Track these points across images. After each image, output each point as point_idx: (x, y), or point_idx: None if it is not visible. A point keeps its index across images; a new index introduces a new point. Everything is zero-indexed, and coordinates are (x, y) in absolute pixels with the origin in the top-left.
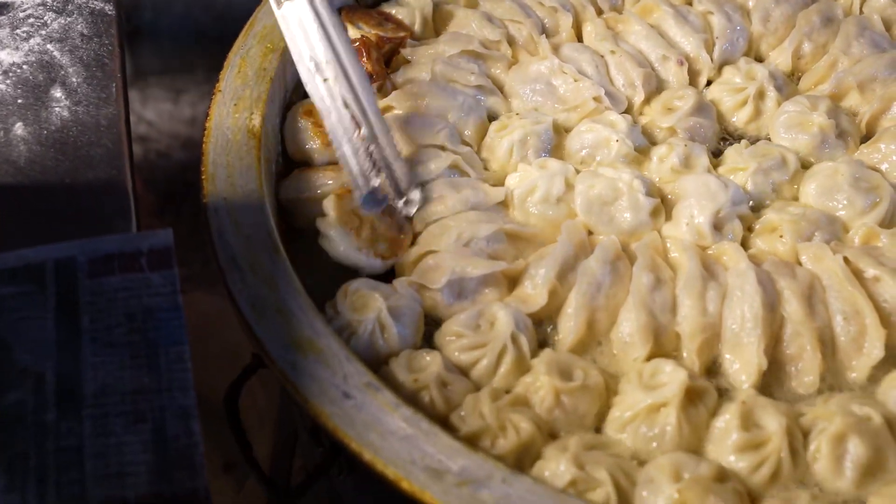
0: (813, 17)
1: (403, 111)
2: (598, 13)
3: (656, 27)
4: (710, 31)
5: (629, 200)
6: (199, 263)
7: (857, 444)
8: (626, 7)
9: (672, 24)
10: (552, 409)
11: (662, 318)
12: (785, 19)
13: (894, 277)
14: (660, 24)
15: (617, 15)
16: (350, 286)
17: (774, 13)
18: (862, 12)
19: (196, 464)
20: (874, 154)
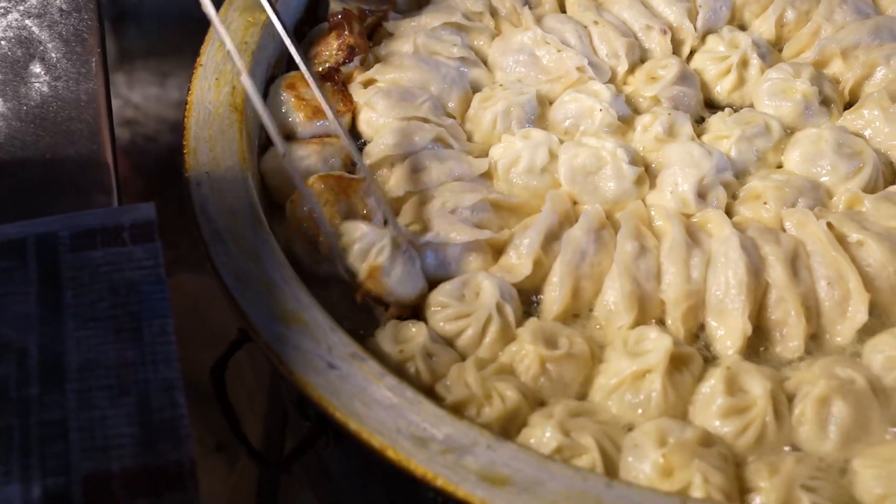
0: None
1: (386, 84)
2: None
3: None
4: (694, 1)
5: (613, 169)
6: (186, 245)
7: (841, 406)
8: None
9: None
10: (538, 377)
11: (647, 286)
12: None
13: (878, 242)
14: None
15: None
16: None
17: None
18: None
19: (181, 435)
20: (857, 120)
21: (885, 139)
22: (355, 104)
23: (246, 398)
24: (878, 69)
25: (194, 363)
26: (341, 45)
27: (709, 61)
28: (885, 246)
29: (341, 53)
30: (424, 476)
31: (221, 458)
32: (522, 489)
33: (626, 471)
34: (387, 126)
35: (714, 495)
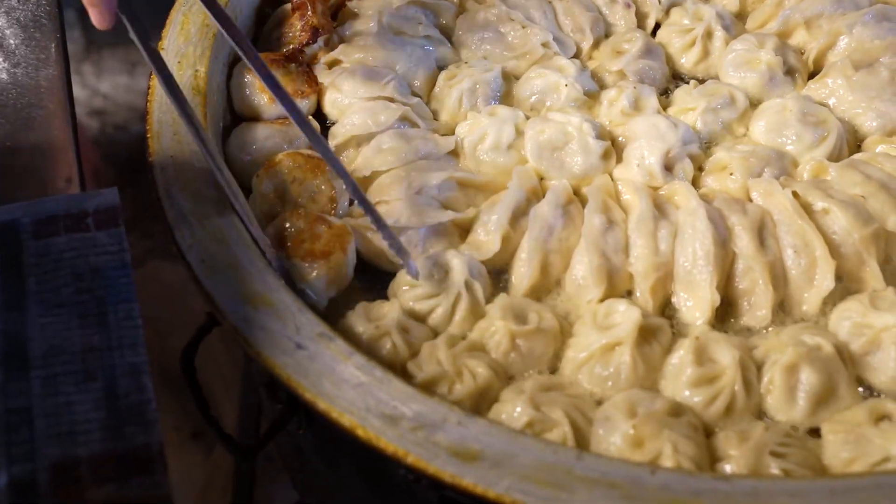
0: None
1: (351, 64)
2: None
3: None
4: None
5: (579, 144)
6: (161, 234)
7: (809, 373)
8: None
9: None
10: (508, 352)
11: (615, 259)
12: None
13: (843, 209)
14: None
15: None
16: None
17: None
18: None
19: (149, 419)
20: (822, 89)
21: (849, 107)
22: (320, 85)
23: (221, 383)
24: (841, 38)
25: (170, 351)
26: (305, 26)
27: (673, 34)
28: (850, 213)
29: (305, 34)
30: (395, 453)
31: (198, 445)
32: (493, 464)
33: (598, 443)
34: (352, 106)
35: (684, 464)
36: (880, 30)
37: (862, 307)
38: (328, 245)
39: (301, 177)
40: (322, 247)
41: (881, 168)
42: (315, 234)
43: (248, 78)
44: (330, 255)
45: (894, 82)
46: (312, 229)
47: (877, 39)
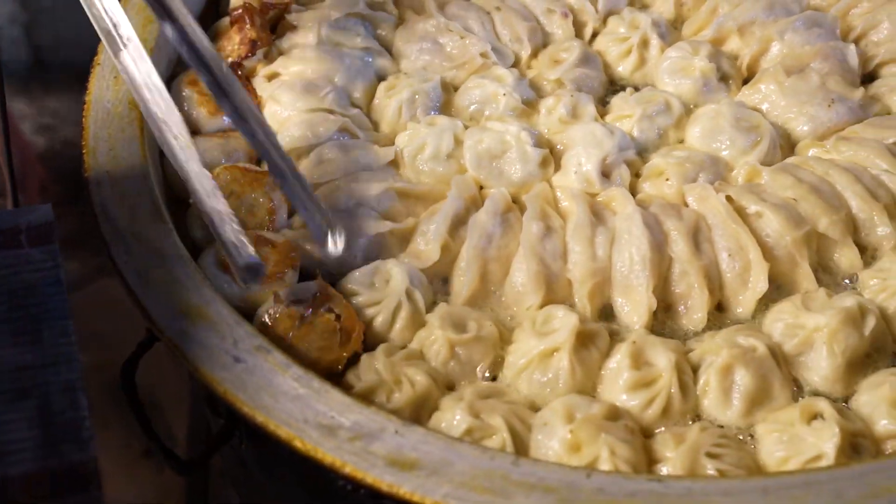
0: None
1: (290, 77)
2: None
3: None
4: None
5: (518, 153)
6: None
7: (744, 374)
8: None
9: None
10: (447, 361)
11: (554, 266)
12: None
13: (775, 212)
14: None
15: None
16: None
17: None
18: None
19: (83, 436)
20: (755, 95)
21: (782, 112)
22: (259, 98)
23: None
24: (773, 44)
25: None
26: (243, 40)
27: (610, 42)
28: (782, 216)
29: (243, 47)
30: (333, 464)
31: (150, 462)
32: (431, 472)
33: (536, 449)
34: (292, 119)
35: (621, 467)
36: (810, 36)
37: (794, 308)
38: (278, 266)
39: (239, 190)
40: (273, 268)
41: (812, 171)
42: (262, 256)
43: (186, 92)
44: (284, 275)
45: (824, 87)
46: (258, 252)
47: (807, 45)
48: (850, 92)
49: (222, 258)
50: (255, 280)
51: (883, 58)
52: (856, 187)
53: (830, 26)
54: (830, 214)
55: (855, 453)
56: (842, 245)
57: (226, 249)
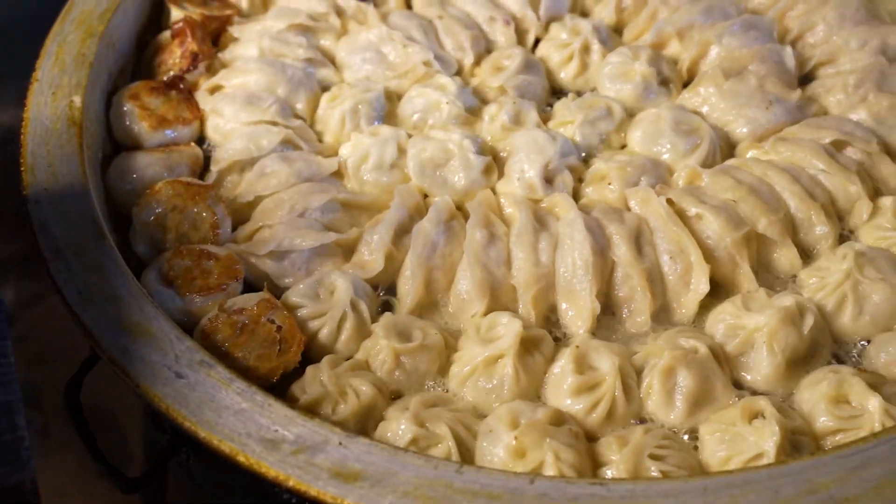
0: None
1: (232, 89)
2: None
3: None
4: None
5: (461, 161)
6: None
7: (686, 375)
8: None
9: None
10: (393, 370)
11: (498, 273)
12: None
13: (715, 214)
14: None
15: None
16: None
17: None
18: None
19: (21, 457)
20: (695, 98)
21: (721, 115)
22: (202, 111)
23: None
24: (711, 48)
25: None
26: (184, 53)
27: (553, 49)
28: (722, 218)
29: (185, 61)
30: (276, 478)
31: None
32: (374, 482)
33: (482, 456)
34: (234, 131)
35: (566, 472)
36: (747, 38)
37: (735, 309)
38: (221, 278)
39: (181, 205)
40: (216, 280)
41: (751, 173)
42: (205, 269)
43: (127, 106)
44: (227, 286)
45: (762, 89)
46: (201, 265)
47: (744, 48)
48: (787, 93)
49: (166, 272)
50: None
51: (819, 59)
52: (794, 187)
53: (767, 29)
54: (769, 215)
55: (795, 451)
56: (781, 245)
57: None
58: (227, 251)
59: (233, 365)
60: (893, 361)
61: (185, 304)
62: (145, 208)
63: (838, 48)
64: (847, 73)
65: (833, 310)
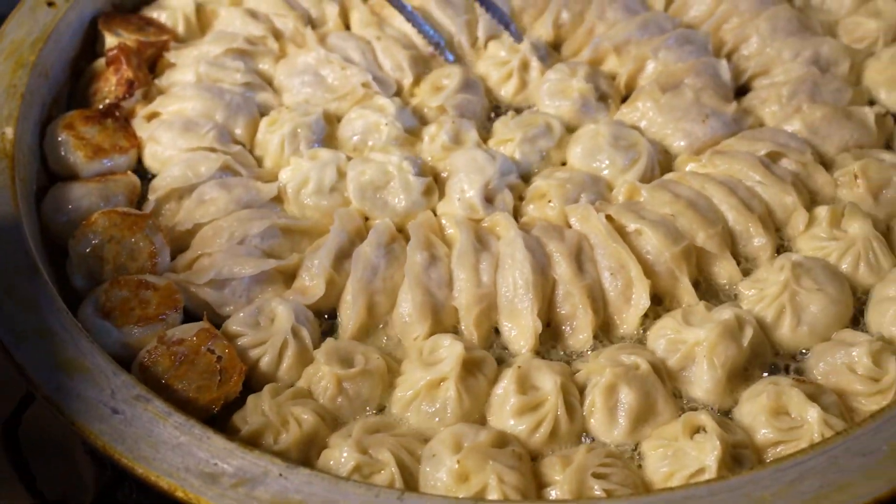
0: None
1: (169, 116)
2: (363, 0)
3: (421, 10)
4: (473, 10)
5: (400, 182)
6: None
7: (627, 392)
8: None
9: (435, 7)
10: (335, 397)
11: (439, 295)
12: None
13: (654, 229)
14: (424, 6)
15: (382, 0)
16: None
17: None
18: None
19: None
20: (633, 113)
21: (659, 129)
22: (139, 139)
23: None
24: (648, 62)
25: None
26: (120, 80)
27: (492, 67)
28: (661, 232)
29: (121, 88)
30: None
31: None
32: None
33: (425, 481)
34: (172, 159)
35: (510, 495)
36: (683, 52)
37: (676, 323)
38: (160, 308)
39: (118, 235)
40: (155, 311)
41: (689, 186)
42: (143, 299)
43: (62, 136)
44: (166, 317)
45: (699, 102)
46: (139, 295)
47: (680, 62)
48: (723, 106)
49: (103, 304)
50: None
51: (754, 70)
52: (731, 200)
53: (702, 42)
54: (707, 228)
55: (737, 464)
56: (720, 258)
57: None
58: (165, 281)
59: (172, 397)
60: (832, 371)
61: (122, 335)
62: (81, 240)
63: (772, 59)
64: (781, 84)
65: (772, 321)
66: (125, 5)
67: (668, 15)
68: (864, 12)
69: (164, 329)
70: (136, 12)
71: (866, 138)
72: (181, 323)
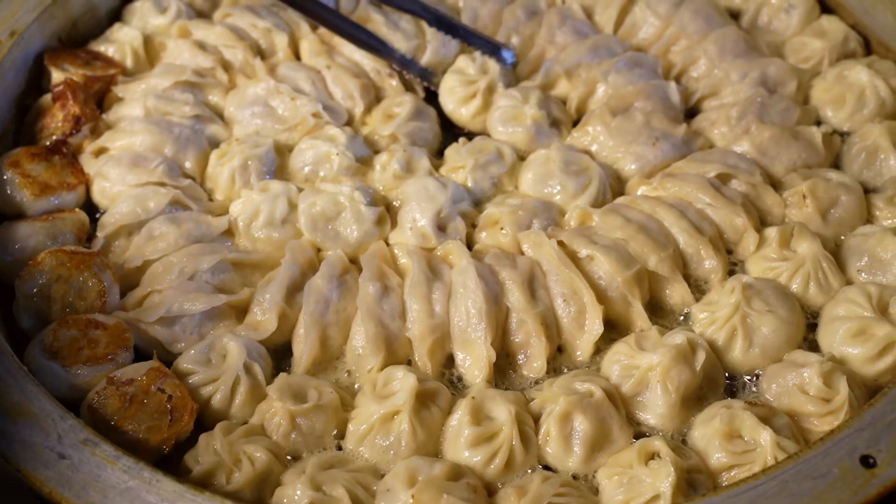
0: (518, 12)
1: (117, 151)
2: (313, 29)
3: None
4: (423, 36)
5: (352, 213)
6: None
7: (582, 420)
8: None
9: (385, 33)
10: (289, 433)
11: (393, 326)
12: (493, 16)
13: (605, 254)
14: (374, 31)
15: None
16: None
17: (482, 11)
18: (563, 2)
19: None
20: (584, 137)
21: (610, 153)
22: (87, 175)
23: None
24: (598, 86)
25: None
26: (66, 116)
27: (458, 83)
28: (613, 257)
29: (67, 124)
30: None
31: None
32: None
33: None
34: (121, 194)
35: None
36: (632, 76)
37: (629, 349)
38: (109, 348)
39: (66, 274)
40: (104, 350)
41: (640, 210)
42: (92, 339)
43: (7, 175)
44: (116, 356)
45: (649, 125)
46: (87, 335)
47: (630, 85)
48: (673, 128)
49: (50, 345)
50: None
51: (703, 92)
52: (682, 223)
53: (652, 65)
54: (659, 252)
55: (692, 489)
56: (672, 281)
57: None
58: (115, 319)
59: (122, 439)
60: (784, 392)
61: (70, 377)
62: (28, 280)
63: (720, 81)
64: (730, 105)
65: (724, 344)
66: (72, 40)
67: (617, 38)
68: (810, 32)
69: (114, 369)
70: (83, 46)
71: (814, 158)
72: (132, 362)
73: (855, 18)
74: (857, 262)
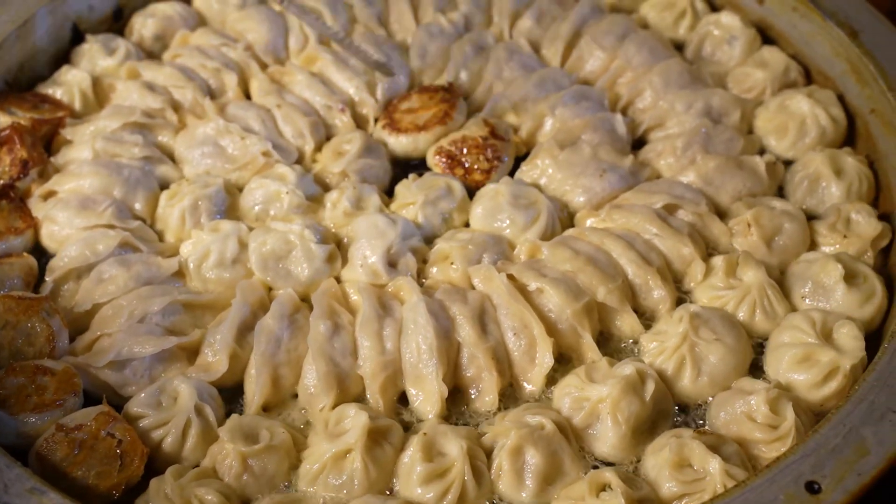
0: (465, 48)
1: (66, 194)
2: (262, 68)
3: (321, 75)
4: (373, 73)
5: (303, 251)
6: None
7: (534, 453)
8: (290, 59)
9: (334, 71)
10: (240, 475)
11: (344, 364)
12: (441, 52)
13: (555, 287)
14: (323, 71)
15: (281, 68)
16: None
17: (430, 47)
18: (511, 37)
19: None
20: (532, 171)
21: (559, 186)
22: (36, 219)
23: None
24: (546, 119)
25: None
26: (14, 161)
27: None
28: (562, 290)
29: (14, 168)
30: None
31: None
32: None
33: None
34: (70, 237)
35: None
36: (580, 109)
37: (579, 381)
38: (58, 394)
39: (14, 320)
40: (52, 396)
41: (589, 242)
42: (40, 385)
43: None
44: (64, 402)
45: (596, 157)
46: (35, 381)
47: (577, 118)
48: (620, 160)
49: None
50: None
51: (649, 123)
52: (630, 254)
53: (598, 98)
54: (607, 283)
55: None
56: (621, 312)
57: None
58: (63, 364)
59: (71, 485)
60: (732, 420)
61: (18, 425)
62: None
63: (665, 112)
64: (675, 136)
65: (673, 373)
66: (19, 83)
67: (564, 71)
68: (752, 63)
69: (62, 415)
70: (31, 89)
71: (758, 186)
72: (81, 407)
73: (795, 49)
74: (801, 289)
